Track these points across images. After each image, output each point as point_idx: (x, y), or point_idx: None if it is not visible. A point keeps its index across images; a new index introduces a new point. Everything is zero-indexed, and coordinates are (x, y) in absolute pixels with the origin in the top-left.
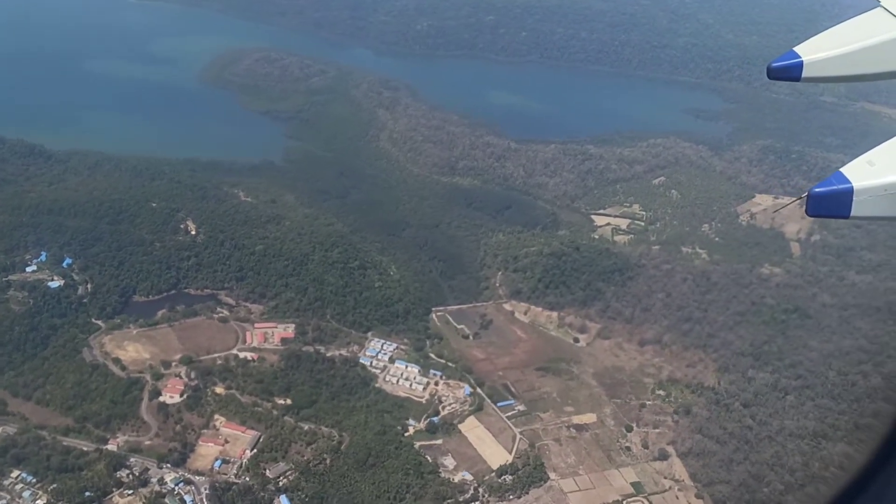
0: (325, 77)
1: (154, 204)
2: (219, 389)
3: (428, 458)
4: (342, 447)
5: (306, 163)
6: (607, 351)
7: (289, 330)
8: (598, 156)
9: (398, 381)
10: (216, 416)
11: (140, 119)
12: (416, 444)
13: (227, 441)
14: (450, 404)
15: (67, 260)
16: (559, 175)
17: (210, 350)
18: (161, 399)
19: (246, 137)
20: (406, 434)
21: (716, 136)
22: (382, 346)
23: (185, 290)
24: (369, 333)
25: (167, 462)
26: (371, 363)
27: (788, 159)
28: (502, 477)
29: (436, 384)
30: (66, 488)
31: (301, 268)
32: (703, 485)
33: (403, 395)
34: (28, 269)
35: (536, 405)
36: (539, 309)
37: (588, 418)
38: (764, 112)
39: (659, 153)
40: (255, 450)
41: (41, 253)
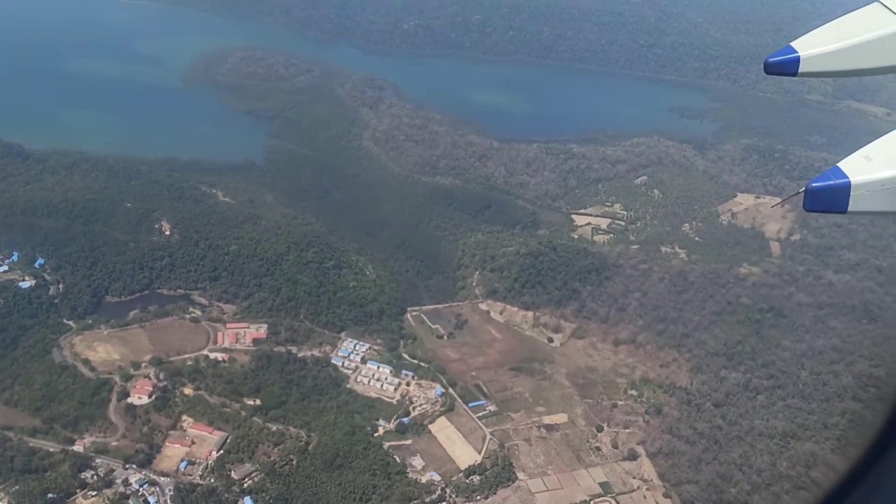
0: (311, 76)
1: (129, 204)
2: (187, 390)
3: (396, 459)
4: (310, 448)
5: (287, 162)
6: (581, 351)
7: (261, 330)
8: (581, 155)
9: (369, 382)
10: (184, 417)
11: (122, 119)
12: (386, 445)
13: (194, 442)
14: (421, 405)
15: (40, 260)
16: (540, 174)
17: (181, 351)
18: (129, 400)
19: (228, 137)
20: (375, 434)
21: (700, 135)
22: (355, 347)
23: (159, 291)
24: (342, 334)
25: (133, 463)
26: (343, 364)
27: (771, 158)
28: (470, 477)
29: (407, 385)
30: (29, 490)
31: (275, 268)
32: (672, 484)
33: (374, 396)
34: None
35: (508, 405)
36: (515, 309)
37: (559, 418)
38: (750, 110)
39: (642, 152)
40: (222, 451)
41: (13, 253)
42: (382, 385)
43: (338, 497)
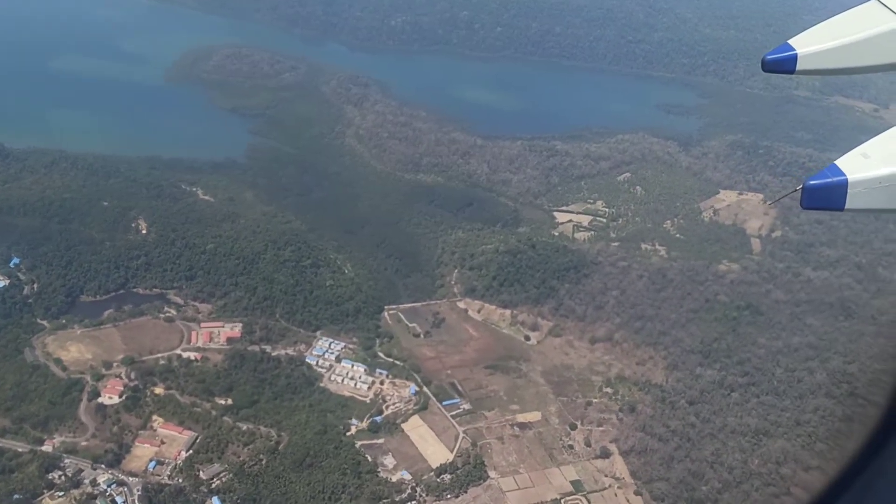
0: (296, 73)
1: (106, 203)
2: (158, 390)
3: (368, 458)
4: (280, 447)
5: (269, 160)
6: (558, 349)
7: (236, 329)
8: (565, 152)
9: (343, 381)
10: (154, 417)
11: (105, 117)
12: (357, 444)
13: (164, 442)
14: (394, 403)
15: (15, 259)
16: (523, 172)
17: (153, 350)
18: (100, 400)
19: (210, 135)
20: (347, 434)
21: (686, 132)
22: (330, 346)
23: (134, 290)
24: (318, 332)
25: (101, 463)
26: (317, 362)
27: (756, 155)
28: (441, 476)
29: (381, 383)
30: None
31: (252, 266)
32: (643, 482)
33: (347, 395)
34: None
35: (482, 404)
36: (493, 307)
37: (533, 416)
38: (737, 107)
39: (626, 149)
40: (191, 451)
41: None
42: (356, 384)
43: (306, 497)
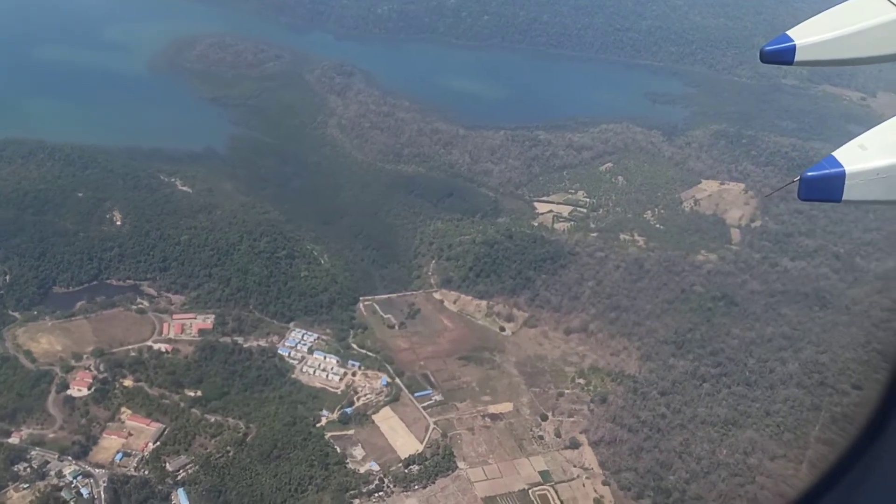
0: (280, 62)
1: (80, 194)
2: (127, 382)
3: (336, 449)
4: (248, 439)
5: (250, 150)
6: (532, 339)
7: (208, 321)
8: (547, 142)
9: (315, 372)
10: (123, 409)
11: (86, 107)
12: (327, 435)
13: (131, 434)
14: (365, 395)
15: None
16: (505, 162)
17: (124, 342)
18: (69, 392)
19: (191, 125)
20: (317, 425)
21: (671, 121)
22: (303, 337)
23: (108, 282)
24: (291, 324)
25: (68, 455)
26: (289, 354)
27: (739, 144)
28: (409, 467)
29: (353, 375)
30: None
31: (226, 258)
32: (611, 472)
33: (319, 386)
34: None
35: (454, 395)
36: (469, 298)
37: (504, 407)
38: (724, 95)
39: (608, 139)
40: (158, 443)
41: None
42: (328, 375)
43: (272, 488)
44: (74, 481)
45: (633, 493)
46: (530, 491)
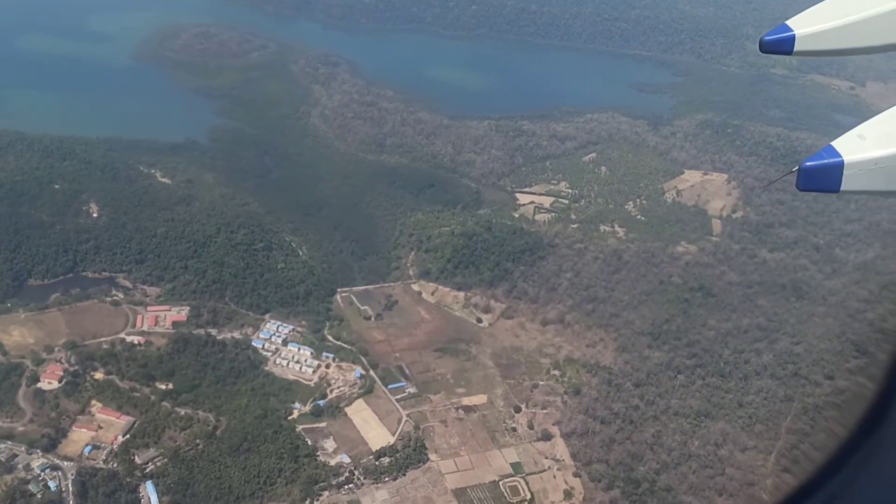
0: (265, 52)
1: (57, 185)
2: (98, 375)
3: (308, 442)
4: (217, 432)
5: (231, 141)
6: (509, 331)
7: (182, 313)
8: (531, 132)
9: (288, 364)
10: (93, 402)
11: (67, 97)
12: (299, 428)
13: (101, 427)
14: (339, 387)
15: None
16: (487, 152)
17: (97, 334)
18: (39, 385)
19: (173, 116)
20: (289, 417)
21: (657, 111)
22: (277, 329)
23: (83, 274)
24: (267, 315)
25: (37, 448)
26: (263, 346)
27: (724, 134)
28: (380, 459)
29: (327, 367)
30: None
31: (203, 250)
32: (583, 464)
33: (292, 378)
34: None
35: (429, 387)
36: (447, 289)
37: (478, 399)
38: (712, 85)
39: (593, 129)
40: (128, 436)
41: None
42: (301, 367)
43: (241, 481)
44: (42, 474)
45: (604, 485)
46: (501, 483)
